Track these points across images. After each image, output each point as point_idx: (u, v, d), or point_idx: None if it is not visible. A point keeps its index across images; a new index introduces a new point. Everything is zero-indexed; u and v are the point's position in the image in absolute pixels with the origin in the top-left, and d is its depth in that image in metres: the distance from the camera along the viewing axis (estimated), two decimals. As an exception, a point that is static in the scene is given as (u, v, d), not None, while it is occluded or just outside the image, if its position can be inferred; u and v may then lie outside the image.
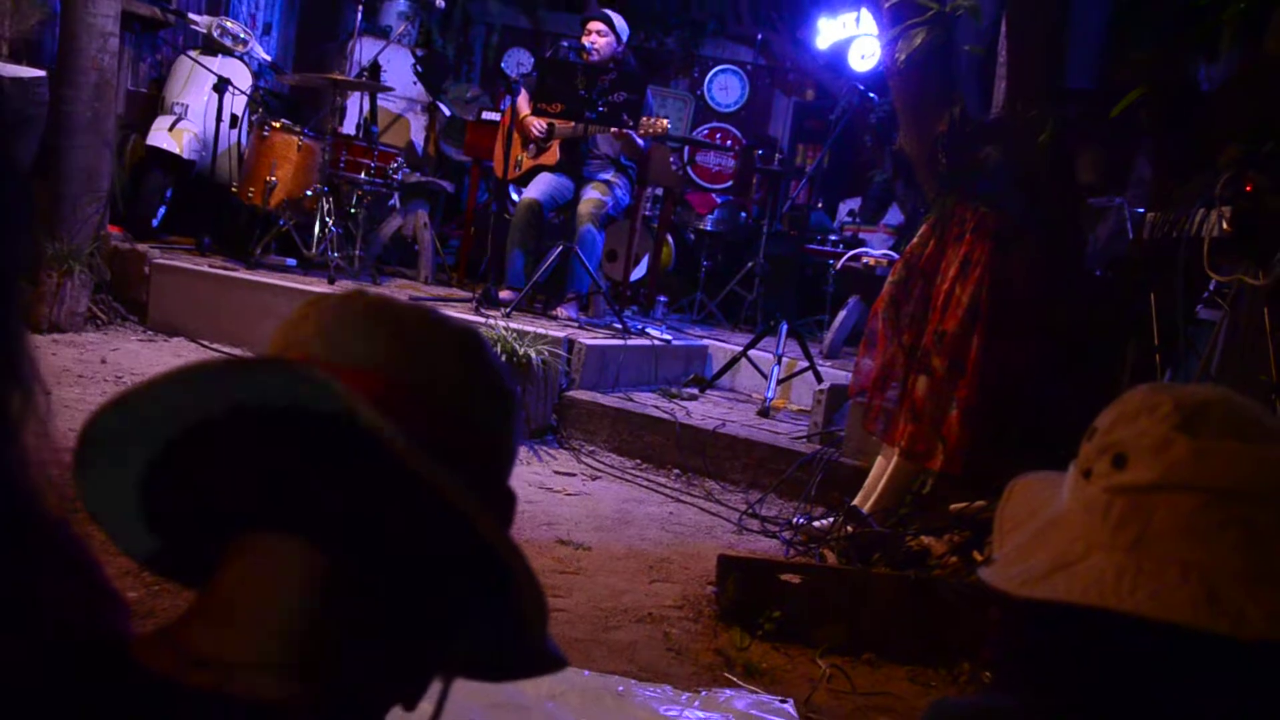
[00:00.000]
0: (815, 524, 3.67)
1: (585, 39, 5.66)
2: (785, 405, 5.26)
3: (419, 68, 7.34)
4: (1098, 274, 3.71)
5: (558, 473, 4.17)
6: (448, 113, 7.17)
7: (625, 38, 5.77)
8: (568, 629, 2.70)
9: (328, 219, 5.46)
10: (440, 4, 7.24)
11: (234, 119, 5.95)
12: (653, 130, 5.45)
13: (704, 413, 4.81)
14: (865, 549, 3.29)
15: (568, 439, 4.58)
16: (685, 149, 8.22)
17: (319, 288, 4.95)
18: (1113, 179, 3.66)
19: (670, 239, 7.31)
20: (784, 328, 5.18)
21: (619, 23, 5.72)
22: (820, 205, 7.63)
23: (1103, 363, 3.38)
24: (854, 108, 6.74)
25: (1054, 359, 3.45)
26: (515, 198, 6.02)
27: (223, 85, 5.76)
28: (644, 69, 6.33)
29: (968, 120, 3.62)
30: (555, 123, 5.64)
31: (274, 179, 5.49)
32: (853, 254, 6.03)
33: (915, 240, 3.74)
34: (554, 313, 5.53)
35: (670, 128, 5.73)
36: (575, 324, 5.37)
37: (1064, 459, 0.88)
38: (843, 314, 6.12)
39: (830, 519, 3.63)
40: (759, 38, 8.47)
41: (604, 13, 5.79)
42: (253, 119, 5.93)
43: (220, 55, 6.10)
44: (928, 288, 3.60)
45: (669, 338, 5.70)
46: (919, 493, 3.59)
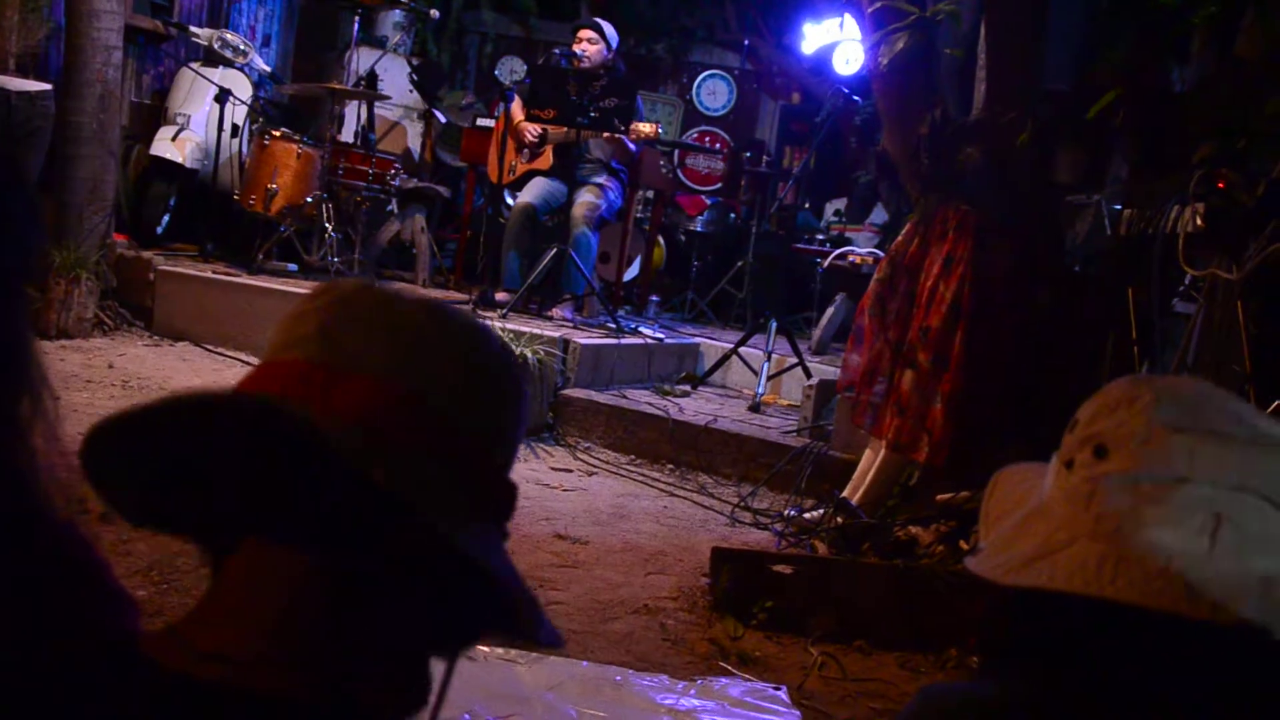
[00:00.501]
0: (806, 516, 3.67)
1: (576, 46, 5.65)
2: (775, 400, 5.26)
3: (415, 76, 7.32)
4: (1077, 270, 3.72)
5: (554, 469, 4.16)
6: (443, 120, 7.16)
7: (615, 45, 5.76)
8: (566, 621, 2.70)
9: (327, 225, 5.45)
10: (435, 14, 7.23)
11: (235, 128, 5.93)
12: (643, 134, 5.45)
13: (696, 409, 4.81)
14: (855, 539, 3.29)
15: (564, 436, 4.57)
16: (675, 152, 8.21)
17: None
18: (1090, 177, 3.67)
19: (662, 240, 7.30)
20: (773, 325, 5.18)
21: (609, 30, 5.72)
22: (807, 206, 7.63)
23: (1082, 356, 3.39)
24: (839, 111, 6.74)
25: (1035, 353, 3.46)
26: (510, 202, 6.01)
27: (224, 96, 5.75)
28: (634, 75, 6.32)
29: (949, 122, 3.62)
30: (548, 128, 5.63)
31: (275, 186, 5.48)
32: (839, 253, 6.03)
33: (899, 239, 3.75)
34: (549, 313, 5.52)
35: (660, 132, 5.71)
36: (570, 324, 5.36)
37: (1046, 450, 0.88)
38: (830, 311, 6.12)
39: (820, 511, 3.63)
40: (746, 44, 8.46)
41: (594, 21, 5.79)
42: (253, 128, 5.92)
43: (221, 66, 6.08)
44: (912, 285, 3.61)
45: (662, 336, 5.70)
46: (906, 484, 3.60)
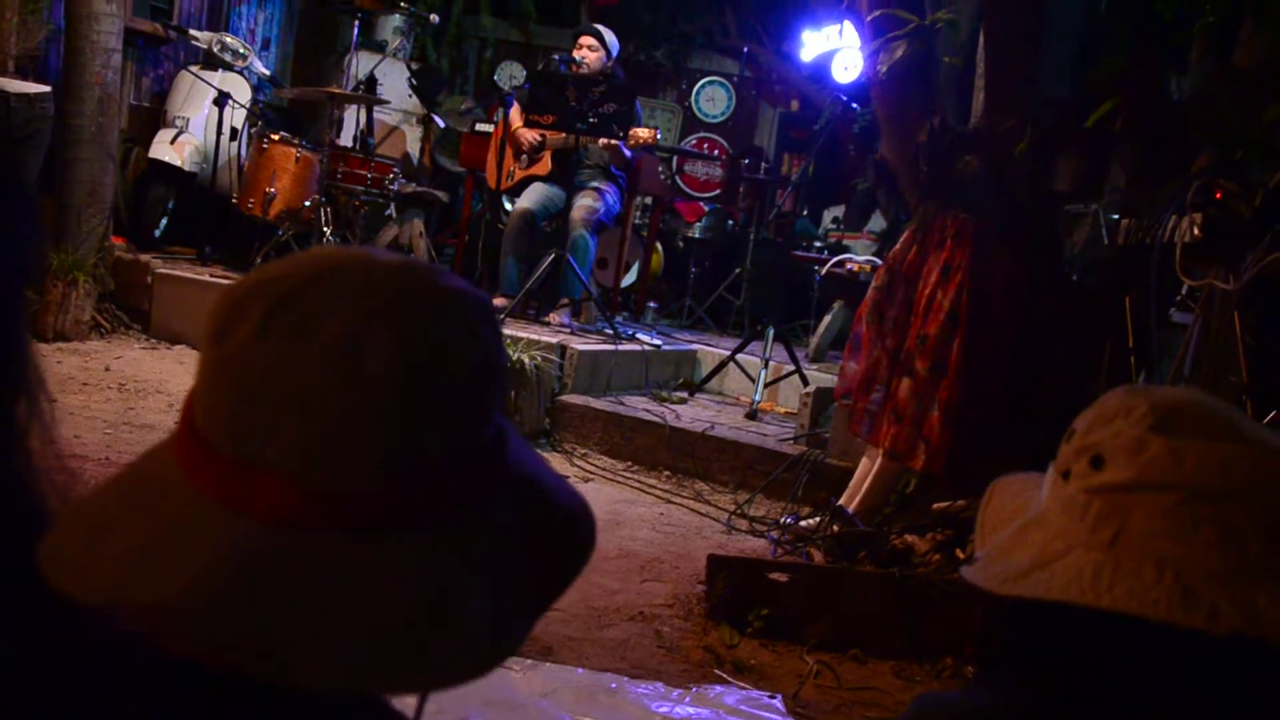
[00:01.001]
0: (802, 523, 3.67)
1: (576, 52, 5.66)
2: (772, 408, 5.26)
3: (414, 81, 7.34)
4: (1074, 279, 3.73)
5: (551, 475, 4.16)
6: (442, 125, 7.17)
7: (615, 51, 5.77)
8: (561, 628, 2.70)
9: (326, 229, 5.45)
10: (435, 19, 7.24)
11: (234, 132, 5.94)
12: (641, 140, 5.46)
13: (693, 416, 4.80)
14: (851, 547, 3.29)
15: (560, 442, 4.57)
16: (674, 159, 8.22)
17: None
18: (1088, 186, 3.68)
19: (660, 246, 7.31)
20: (771, 332, 5.18)
21: (609, 37, 5.73)
22: (805, 213, 7.64)
23: (1080, 365, 3.39)
24: (837, 118, 6.75)
25: (1032, 361, 3.47)
26: (508, 207, 6.01)
27: (223, 99, 5.75)
28: (633, 81, 6.32)
29: (947, 130, 3.63)
30: (547, 134, 5.64)
31: (273, 190, 5.48)
32: (837, 260, 6.04)
33: (898, 246, 3.75)
34: (547, 319, 5.52)
35: (658, 137, 5.72)
36: (568, 330, 5.36)
37: (1043, 459, 0.88)
38: (827, 318, 6.12)
39: (817, 518, 3.63)
40: (745, 51, 8.48)
41: (594, 27, 5.80)
42: (252, 132, 5.92)
43: (220, 70, 6.09)
44: (910, 293, 3.61)
45: (659, 343, 5.69)
46: (902, 492, 3.60)
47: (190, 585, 0.56)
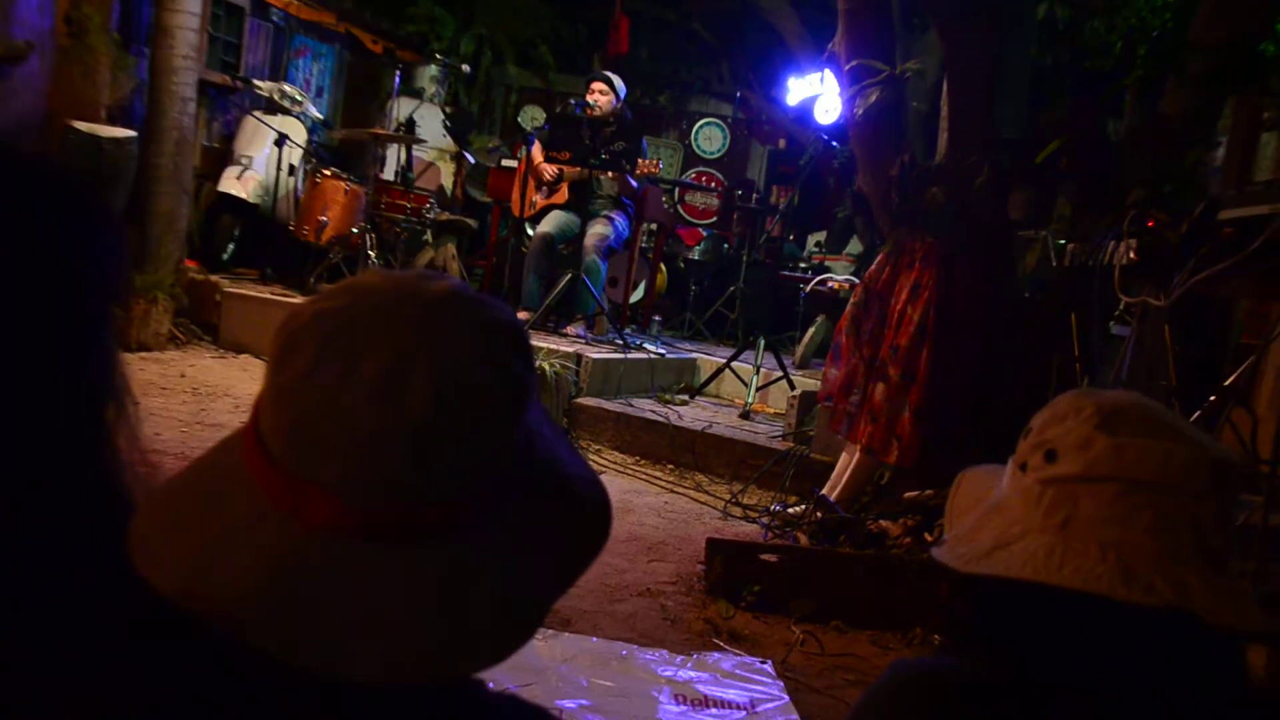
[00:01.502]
0: (789, 511, 3.67)
1: (589, 97, 5.67)
2: (763, 409, 5.26)
3: (448, 123, 7.35)
4: (1027, 296, 3.72)
5: (569, 468, 4.16)
6: (473, 161, 7.18)
7: (623, 95, 5.78)
8: (578, 602, 2.69)
9: (370, 252, 5.47)
10: (467, 69, 7.28)
11: (291, 168, 5.96)
12: (645, 170, 5.48)
13: (693, 416, 4.80)
14: (832, 532, 3.29)
15: (576, 440, 4.57)
16: (675, 190, 8.23)
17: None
18: (1038, 215, 3.67)
19: (664, 267, 7.31)
20: (762, 342, 5.18)
21: (618, 83, 5.74)
22: (791, 237, 7.62)
23: (1032, 371, 3.39)
24: (819, 155, 6.74)
25: (991, 368, 3.46)
26: (530, 233, 6.02)
27: (282, 140, 5.77)
28: (640, 122, 6.32)
29: (916, 165, 3.63)
30: (564, 168, 5.65)
31: (325, 219, 5.50)
32: (820, 279, 6.03)
33: (873, 267, 3.75)
34: (564, 331, 5.52)
35: (660, 167, 5.72)
36: (583, 341, 5.36)
37: (1002, 454, 0.89)
38: (811, 330, 6.12)
39: (803, 506, 3.63)
40: (738, 95, 8.50)
41: (605, 74, 5.81)
42: (307, 168, 5.94)
43: (280, 114, 6.11)
44: (884, 308, 3.61)
45: (663, 352, 5.69)
46: (878, 483, 3.60)
47: (244, 583, 0.56)
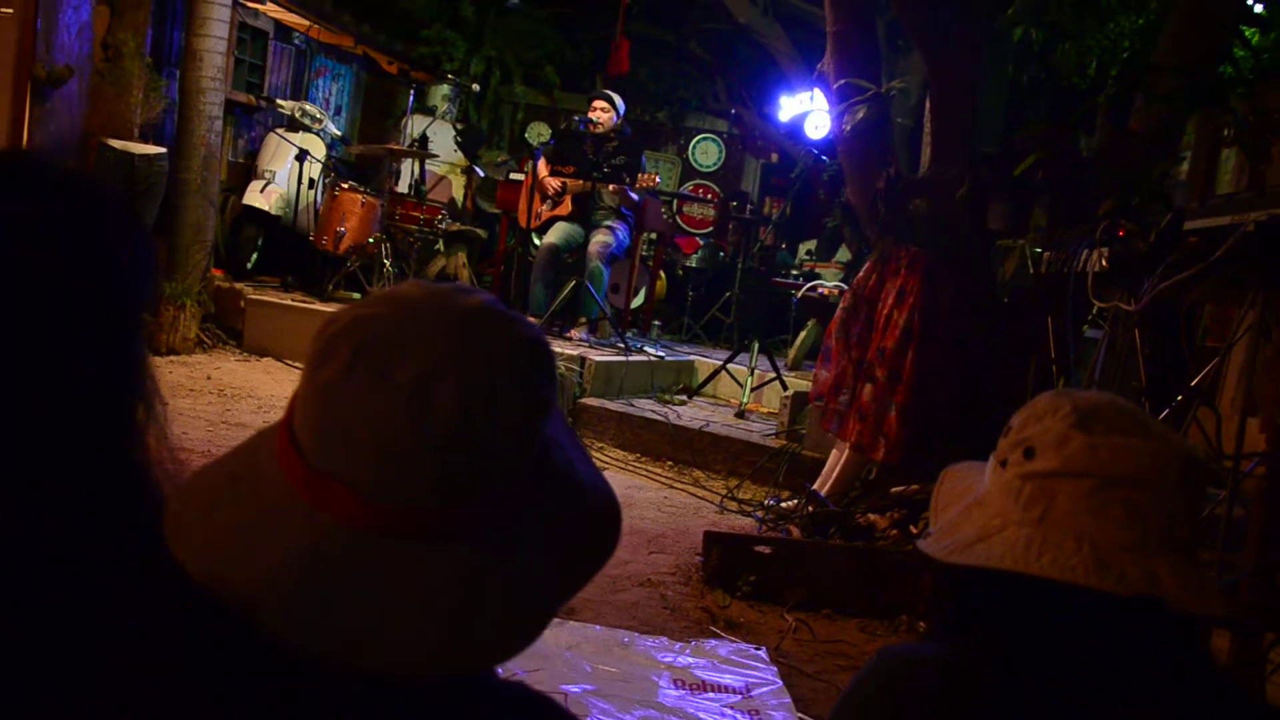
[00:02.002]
0: (782, 505, 3.67)
1: (592, 114, 5.67)
2: (757, 408, 5.26)
3: (459, 139, 7.35)
4: (1005, 301, 3.72)
5: (574, 464, 4.15)
6: (482, 174, 7.18)
7: (624, 112, 5.79)
8: (582, 593, 2.67)
9: (386, 260, 5.47)
10: (476, 88, 7.28)
11: (311, 182, 5.96)
12: (643, 183, 5.48)
13: (691, 415, 4.80)
14: (823, 524, 3.28)
15: (581, 438, 4.54)
16: (674, 201, 8.23)
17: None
18: (1016, 225, 3.67)
19: (663, 274, 7.31)
20: (755, 345, 5.18)
21: (619, 101, 5.75)
22: (784, 246, 7.62)
23: (1011, 372, 3.38)
24: (809, 168, 6.75)
25: (972, 370, 3.46)
26: (536, 242, 6.02)
27: (303, 155, 5.78)
28: (639, 137, 6.34)
29: (901, 178, 3.63)
30: (568, 181, 5.66)
31: (343, 229, 5.50)
32: (810, 285, 6.03)
33: (860, 274, 3.75)
34: (569, 335, 5.52)
35: (658, 181, 5.72)
36: (586, 344, 5.36)
37: (984, 450, 0.88)
38: (803, 334, 6.12)
39: (795, 500, 3.63)
40: (733, 112, 8.50)
41: (606, 93, 5.81)
42: (326, 182, 5.94)
43: (301, 131, 6.12)
44: (871, 313, 3.61)
45: (662, 354, 5.69)
46: (866, 478, 3.59)
47: (270, 572, 0.56)
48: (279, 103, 6.28)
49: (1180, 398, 2.31)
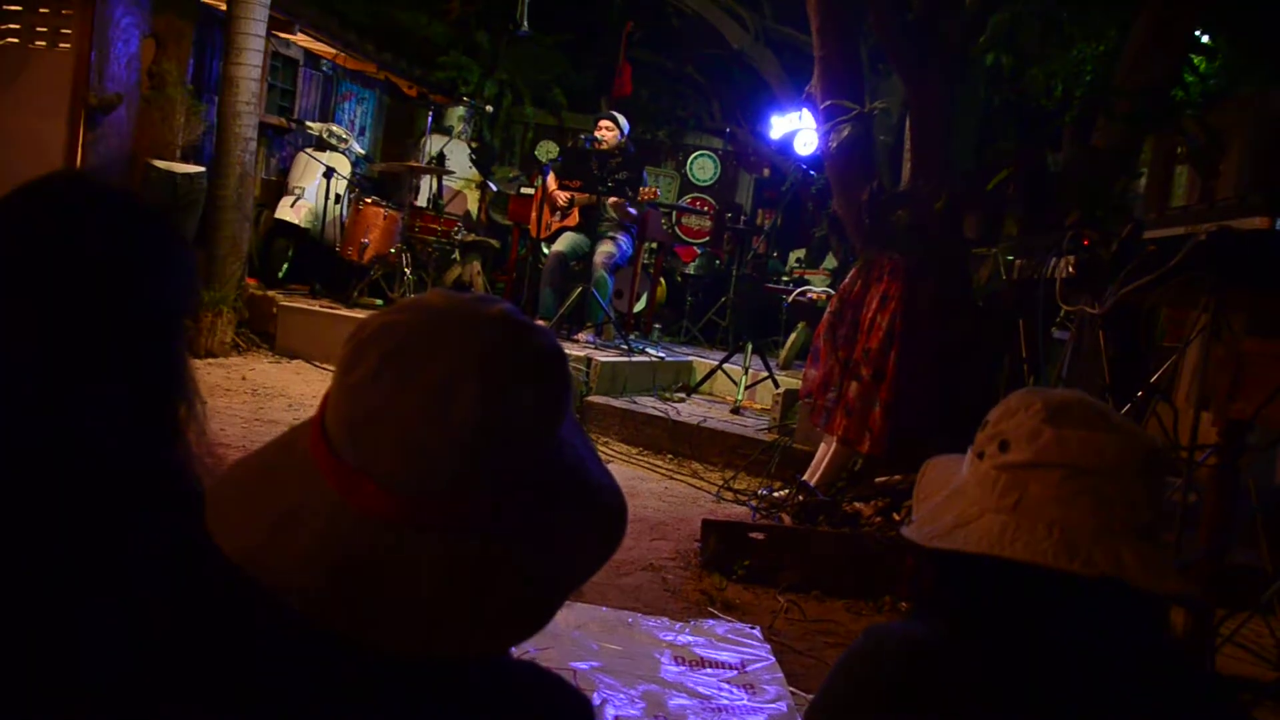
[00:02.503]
0: (775, 494, 3.66)
1: (597, 133, 5.68)
2: (751, 405, 5.25)
3: (474, 156, 7.35)
4: (980, 305, 3.72)
5: (581, 457, 4.15)
6: (495, 189, 7.18)
7: (627, 131, 5.79)
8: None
9: (406, 269, 5.48)
10: (490, 109, 7.29)
11: (338, 197, 5.97)
12: (645, 196, 5.49)
13: (690, 412, 4.80)
14: (812, 513, 3.28)
15: (588, 434, 4.55)
16: (673, 213, 8.23)
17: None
18: (989, 235, 3.67)
19: (663, 280, 7.31)
20: (749, 346, 5.18)
21: (622, 120, 5.75)
22: (775, 254, 7.62)
23: (986, 371, 3.38)
24: (799, 182, 6.75)
25: (951, 369, 3.46)
26: (546, 251, 6.03)
27: (330, 172, 5.79)
28: (641, 154, 6.33)
29: (883, 191, 3.63)
30: (575, 195, 5.66)
31: (367, 240, 5.51)
32: (800, 291, 6.02)
33: (846, 280, 3.75)
34: (576, 337, 5.52)
35: (658, 193, 5.73)
36: (592, 345, 5.36)
37: (962, 443, 0.88)
38: (793, 336, 6.11)
39: (786, 490, 3.62)
40: (727, 130, 8.49)
41: (611, 113, 5.82)
42: (351, 197, 5.95)
43: (328, 151, 6.12)
44: (856, 316, 3.60)
45: (663, 355, 5.69)
46: (852, 470, 3.59)
47: (300, 556, 0.56)
48: (308, 124, 6.30)
49: (1140, 394, 2.31)
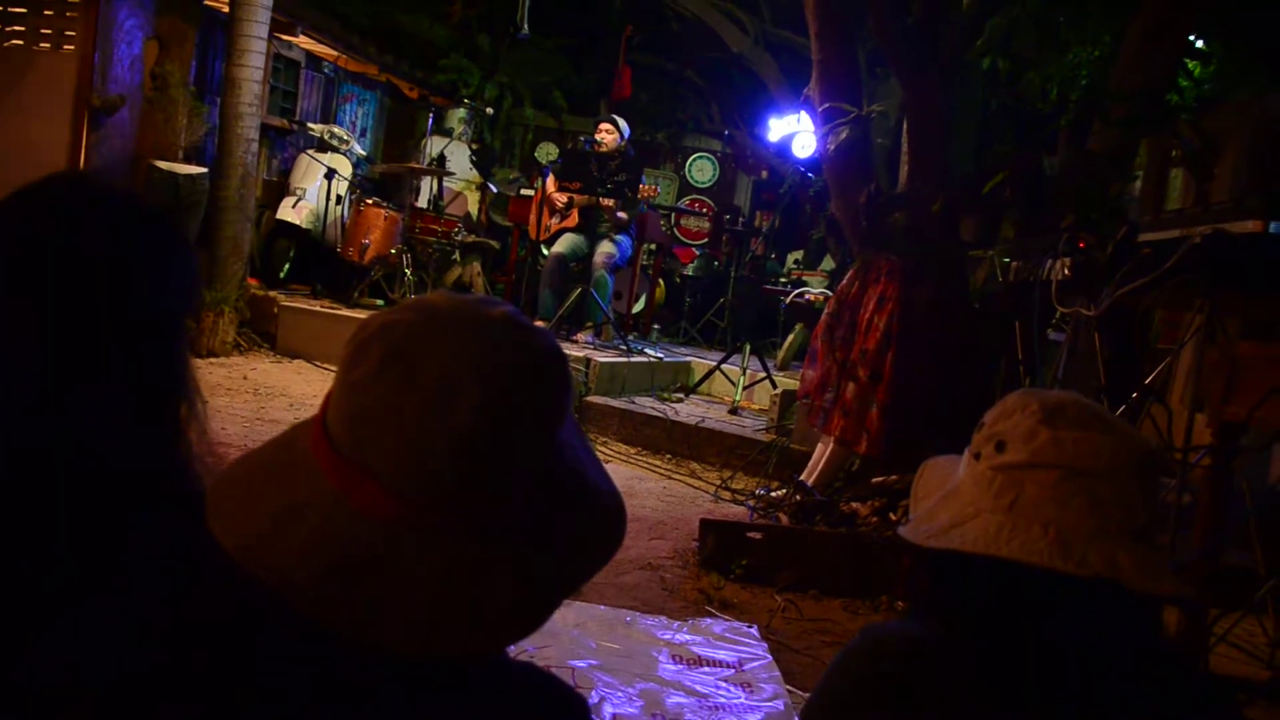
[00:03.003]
0: (772, 494, 3.66)
1: (597, 135, 5.67)
2: (749, 405, 5.25)
3: (474, 157, 7.35)
4: (976, 307, 3.72)
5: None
6: (495, 190, 7.18)
7: (626, 134, 5.79)
8: (589, 573, 2.68)
9: (407, 270, 5.48)
10: (490, 111, 7.29)
11: (339, 198, 5.97)
12: (643, 195, 5.49)
13: (688, 412, 4.80)
14: (810, 512, 3.28)
15: (587, 434, 4.56)
16: (672, 215, 8.23)
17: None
18: (986, 237, 3.67)
19: (662, 282, 7.31)
20: (747, 347, 5.18)
21: (621, 123, 5.75)
22: (773, 256, 7.62)
23: (982, 372, 3.38)
24: (797, 184, 6.75)
25: (947, 370, 3.46)
26: (545, 252, 6.03)
27: (331, 174, 5.79)
28: (640, 156, 6.33)
29: (881, 194, 3.63)
30: (575, 196, 5.66)
31: (367, 241, 5.51)
32: (798, 292, 6.03)
33: (844, 282, 3.75)
34: (575, 338, 5.52)
35: (657, 192, 5.72)
36: (591, 346, 5.36)
37: (959, 444, 0.88)
38: (791, 337, 6.11)
39: (784, 490, 3.62)
40: (726, 133, 8.50)
41: (610, 116, 5.82)
42: (352, 198, 5.95)
43: (329, 152, 6.12)
44: (854, 317, 3.61)
45: (661, 356, 5.69)
46: (849, 470, 3.59)
47: (299, 553, 0.56)
48: (309, 126, 6.30)
49: (1135, 395, 2.31)
